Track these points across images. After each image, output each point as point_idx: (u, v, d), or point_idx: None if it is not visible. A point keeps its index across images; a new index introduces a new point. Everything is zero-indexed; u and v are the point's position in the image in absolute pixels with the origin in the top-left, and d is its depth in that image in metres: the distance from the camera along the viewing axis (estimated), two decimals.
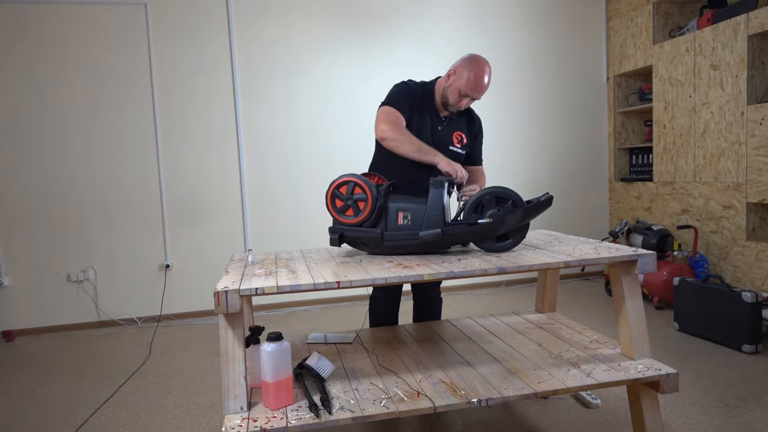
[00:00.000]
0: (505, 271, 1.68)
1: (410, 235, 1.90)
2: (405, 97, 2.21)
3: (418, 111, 2.23)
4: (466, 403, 1.60)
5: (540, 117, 4.65)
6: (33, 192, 3.81)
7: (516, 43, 4.54)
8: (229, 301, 1.49)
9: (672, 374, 1.73)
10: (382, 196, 1.93)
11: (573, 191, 4.78)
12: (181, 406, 2.54)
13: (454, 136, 2.29)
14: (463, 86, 2.14)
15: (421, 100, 2.24)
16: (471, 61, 2.15)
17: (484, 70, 2.14)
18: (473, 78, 2.12)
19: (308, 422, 1.50)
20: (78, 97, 3.83)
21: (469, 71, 2.13)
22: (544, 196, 1.90)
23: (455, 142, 2.29)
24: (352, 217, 1.91)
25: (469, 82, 2.12)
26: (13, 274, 3.83)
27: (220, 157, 4.07)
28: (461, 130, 2.32)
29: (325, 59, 4.19)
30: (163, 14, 3.92)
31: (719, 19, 3.59)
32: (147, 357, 3.25)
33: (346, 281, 1.59)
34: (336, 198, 1.93)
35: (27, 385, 2.89)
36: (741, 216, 3.48)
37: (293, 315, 4.07)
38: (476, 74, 2.12)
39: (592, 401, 2.34)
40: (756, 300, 2.83)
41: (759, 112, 3.30)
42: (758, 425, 2.12)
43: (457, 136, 2.30)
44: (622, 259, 1.78)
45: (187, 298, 4.07)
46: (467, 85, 2.13)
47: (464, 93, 2.15)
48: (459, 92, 2.16)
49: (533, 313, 2.51)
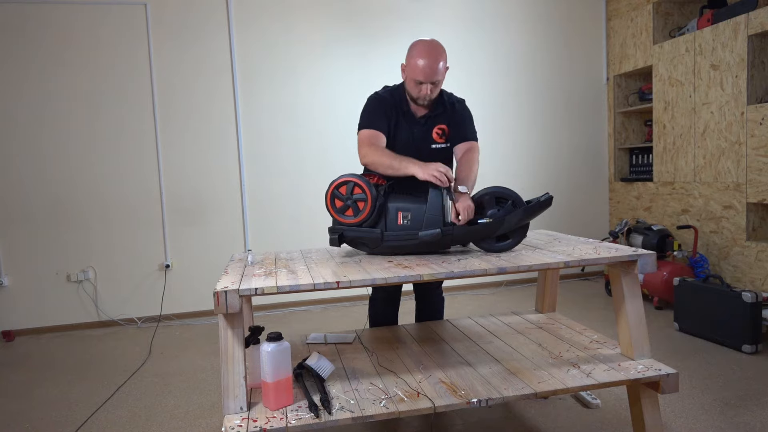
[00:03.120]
0: (505, 271, 1.68)
1: (410, 235, 1.89)
2: (377, 112, 2.16)
3: (394, 118, 2.18)
4: (466, 403, 1.59)
5: (540, 117, 4.64)
6: (33, 192, 3.81)
7: (516, 43, 4.54)
8: (229, 301, 1.49)
9: (672, 374, 1.73)
10: (381, 196, 1.93)
11: (573, 191, 4.78)
12: (181, 406, 2.54)
13: (434, 132, 2.22)
14: (416, 75, 2.05)
15: (393, 106, 2.18)
16: (414, 47, 2.07)
17: (428, 51, 2.03)
18: (420, 63, 2.02)
19: (308, 422, 1.50)
20: (78, 97, 3.83)
21: (414, 58, 2.04)
22: (544, 196, 1.89)
23: (437, 139, 2.22)
24: (351, 217, 1.91)
25: (418, 68, 2.03)
26: (13, 274, 3.82)
27: (220, 157, 4.07)
28: (442, 122, 2.22)
29: (325, 59, 4.19)
30: (163, 14, 3.92)
31: (719, 19, 3.58)
32: (147, 357, 3.25)
33: (345, 281, 1.59)
34: (336, 198, 1.93)
35: (27, 385, 2.89)
36: (741, 216, 3.48)
37: (293, 315, 4.07)
38: (421, 58, 2.02)
39: (592, 401, 2.34)
40: (756, 300, 2.83)
41: (759, 112, 3.30)
42: (758, 425, 2.12)
43: (438, 131, 2.22)
44: (622, 259, 1.78)
45: (187, 298, 4.07)
46: (419, 72, 2.04)
47: (419, 80, 2.05)
48: (414, 82, 2.08)
49: (533, 313, 2.51)
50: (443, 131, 2.23)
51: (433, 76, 2.04)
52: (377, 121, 2.15)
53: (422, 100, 2.13)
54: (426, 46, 2.05)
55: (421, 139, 2.21)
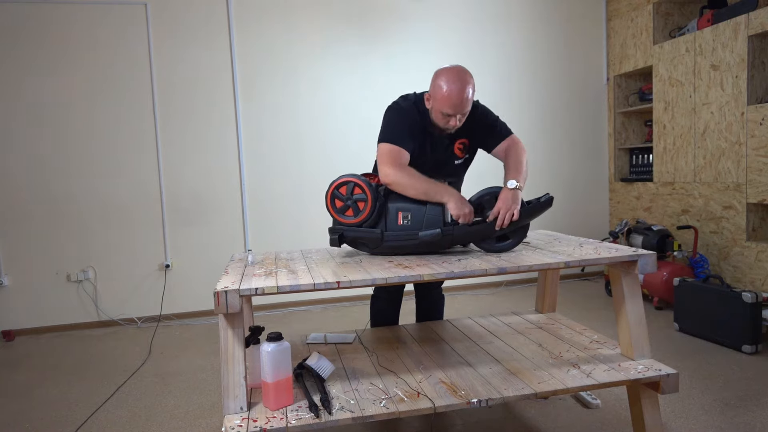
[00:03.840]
0: (505, 271, 1.68)
1: (410, 235, 1.89)
2: (403, 126, 2.02)
3: (419, 135, 2.06)
4: (466, 403, 1.59)
5: (540, 117, 4.65)
6: (33, 191, 3.81)
7: (516, 43, 4.54)
8: (229, 301, 1.49)
9: (672, 374, 1.73)
10: (381, 196, 1.92)
11: (573, 191, 4.78)
12: (181, 406, 2.54)
13: (456, 147, 2.14)
14: (443, 107, 1.93)
15: (418, 122, 2.05)
16: (440, 77, 1.94)
17: (456, 80, 1.90)
18: (449, 94, 1.90)
19: (308, 422, 1.50)
20: (78, 97, 3.83)
21: (442, 89, 1.91)
22: (545, 196, 1.89)
23: (459, 154, 2.16)
24: (351, 218, 1.91)
25: (448, 101, 1.90)
26: (13, 274, 3.82)
27: (220, 157, 4.07)
28: (463, 137, 2.14)
29: (325, 59, 4.19)
30: (163, 14, 3.92)
31: (719, 20, 3.59)
32: (147, 357, 3.25)
33: (346, 281, 1.59)
34: (336, 198, 1.92)
35: (26, 385, 2.89)
36: (741, 216, 3.48)
37: (293, 315, 4.07)
38: (450, 89, 1.89)
39: (592, 402, 2.34)
40: (756, 300, 2.83)
41: (759, 112, 3.30)
42: (758, 425, 2.12)
43: (459, 145, 2.14)
44: (622, 259, 1.78)
45: (187, 298, 4.07)
46: (447, 104, 1.91)
47: (447, 113, 1.94)
48: (441, 114, 1.96)
49: (533, 314, 2.51)
50: (464, 146, 2.16)
51: (462, 108, 1.93)
52: (403, 139, 2.00)
53: (451, 131, 2.02)
54: (453, 77, 1.91)
55: (444, 157, 2.15)
